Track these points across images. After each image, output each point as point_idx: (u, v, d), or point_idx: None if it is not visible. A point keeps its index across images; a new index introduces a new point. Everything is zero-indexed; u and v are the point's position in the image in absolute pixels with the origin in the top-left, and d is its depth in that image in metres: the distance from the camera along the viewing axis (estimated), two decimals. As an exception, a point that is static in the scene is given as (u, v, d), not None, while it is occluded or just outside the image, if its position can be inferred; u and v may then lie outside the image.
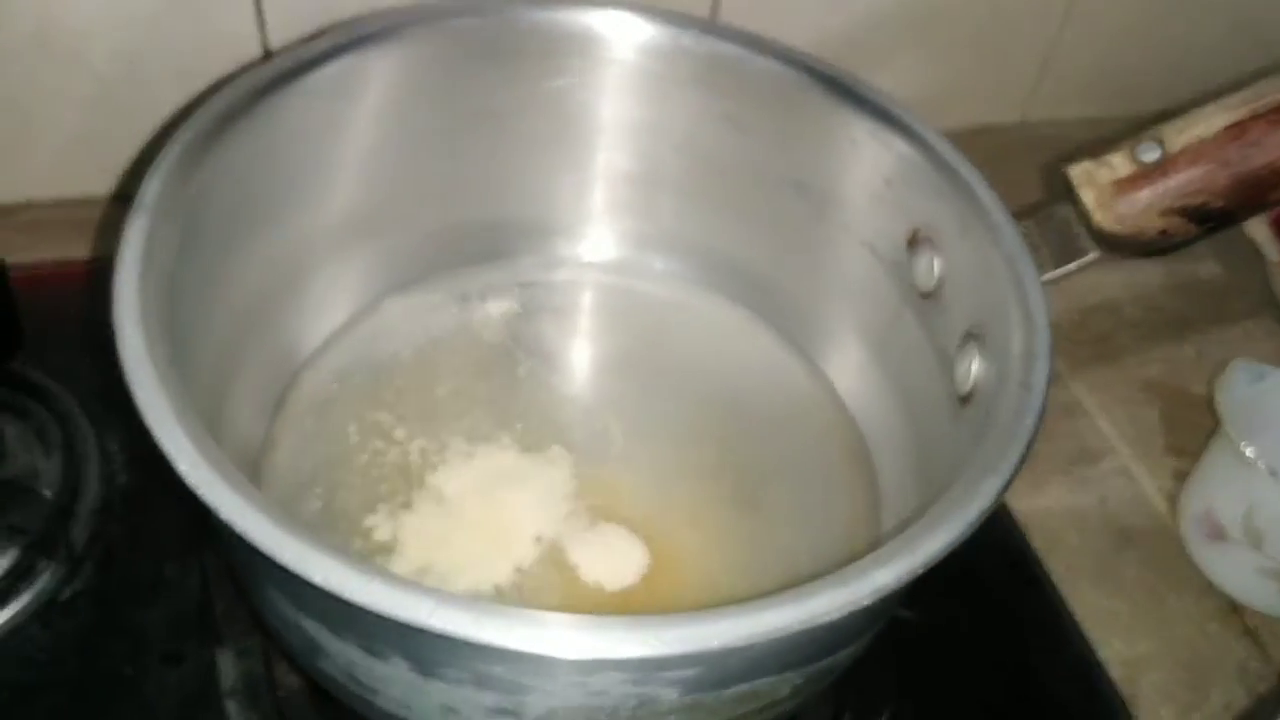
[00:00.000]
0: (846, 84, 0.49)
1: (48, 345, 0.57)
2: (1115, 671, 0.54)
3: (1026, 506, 0.59)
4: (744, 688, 0.37)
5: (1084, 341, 0.69)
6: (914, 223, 0.47)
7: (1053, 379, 0.40)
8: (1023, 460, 0.37)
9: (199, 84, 0.62)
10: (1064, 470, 0.62)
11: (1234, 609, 0.57)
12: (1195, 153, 0.42)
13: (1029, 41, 0.78)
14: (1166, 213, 0.42)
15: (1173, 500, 0.61)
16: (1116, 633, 0.55)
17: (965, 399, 0.44)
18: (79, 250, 0.64)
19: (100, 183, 0.66)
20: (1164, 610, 0.57)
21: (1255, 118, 0.41)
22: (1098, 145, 0.44)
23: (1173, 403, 0.66)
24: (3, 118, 0.62)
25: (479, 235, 0.57)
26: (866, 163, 0.49)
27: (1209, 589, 0.58)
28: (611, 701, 0.35)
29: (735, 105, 0.52)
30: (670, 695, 0.35)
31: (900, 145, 0.47)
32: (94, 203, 0.66)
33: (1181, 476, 0.62)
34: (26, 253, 0.62)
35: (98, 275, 0.61)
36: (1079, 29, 0.77)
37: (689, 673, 0.34)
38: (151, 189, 0.39)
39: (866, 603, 0.33)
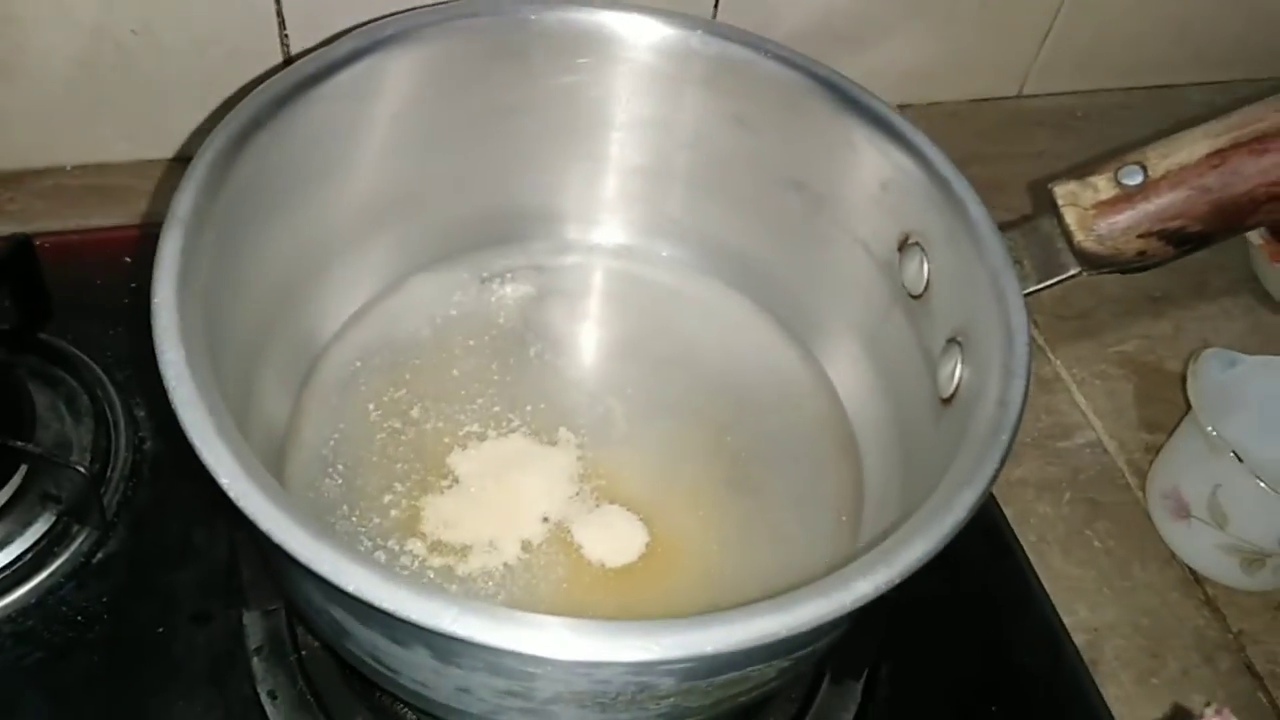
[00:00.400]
0: (849, 92, 0.50)
1: (74, 313, 0.59)
2: (1080, 637, 0.57)
3: (1001, 477, 0.62)
4: (734, 674, 0.40)
5: (1066, 317, 0.71)
6: (906, 227, 0.49)
7: (1031, 383, 0.43)
8: (997, 474, 0.40)
9: (216, 51, 0.64)
10: (1039, 443, 0.65)
11: (1195, 579, 0.61)
12: (1177, 178, 0.43)
13: (1029, 15, 0.79)
14: (1145, 235, 0.44)
15: (1142, 474, 0.64)
16: (1083, 600, 0.59)
17: (947, 400, 0.46)
18: (100, 216, 0.66)
19: (121, 149, 0.67)
20: (1128, 579, 0.60)
21: (1237, 146, 0.43)
22: (1084, 165, 0.46)
23: (1148, 378, 0.69)
24: (23, 84, 0.63)
25: (496, 221, 0.59)
26: (864, 167, 0.51)
27: (1172, 559, 0.61)
28: (614, 688, 0.38)
29: (741, 105, 0.53)
30: (667, 683, 0.38)
31: (897, 154, 0.49)
32: (115, 168, 0.68)
33: (1153, 450, 0.65)
34: (49, 219, 0.64)
35: (122, 244, 0.64)
36: (1079, 3, 0.78)
37: (685, 666, 0.37)
38: (183, 203, 0.41)
39: (848, 610, 0.36)
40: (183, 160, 0.69)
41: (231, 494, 0.35)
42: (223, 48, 0.64)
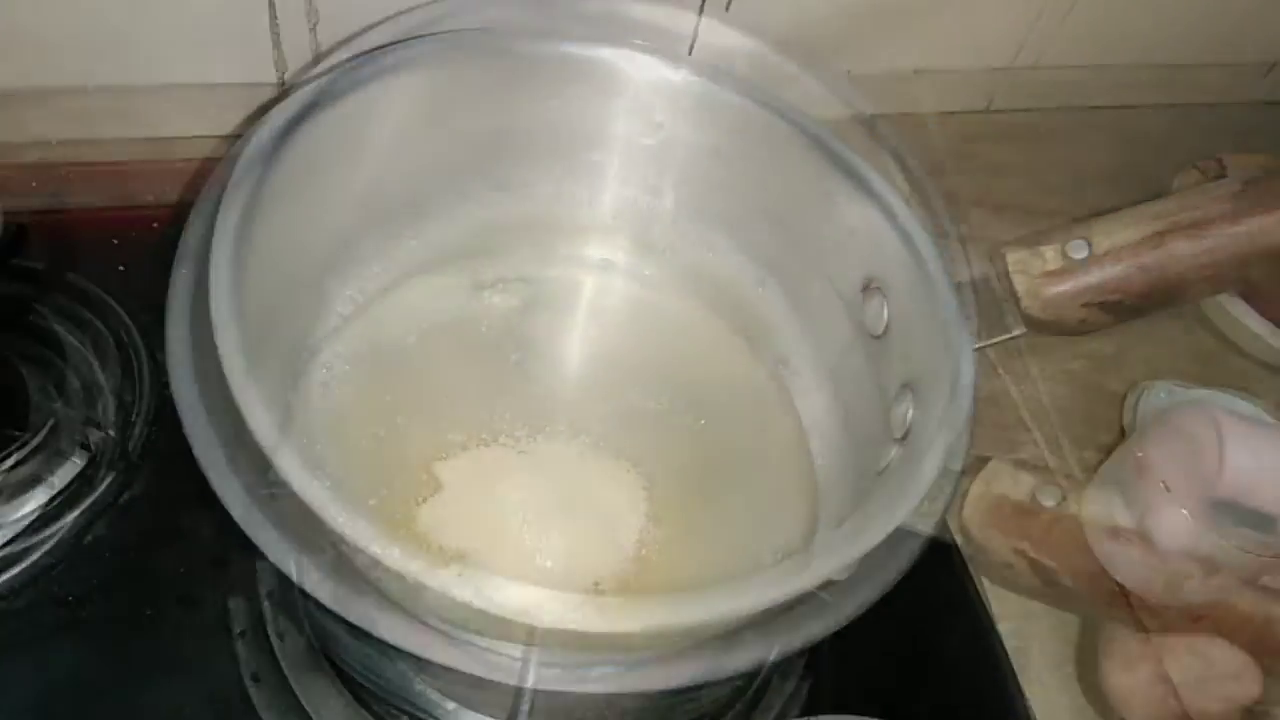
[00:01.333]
0: (827, 142, 0.53)
1: (98, 253, 0.62)
2: (1010, 643, 0.61)
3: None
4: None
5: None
6: (869, 272, 0.52)
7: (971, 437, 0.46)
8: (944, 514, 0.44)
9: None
10: (984, 457, 0.69)
11: (1120, 590, 0.65)
12: (1118, 255, 0.47)
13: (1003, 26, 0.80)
14: (1087, 305, 0.47)
15: (1080, 489, 0.68)
16: (1017, 604, 0.63)
17: (900, 440, 0.50)
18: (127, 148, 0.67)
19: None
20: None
21: (1175, 229, 0.46)
22: (1036, 235, 0.49)
23: (1091, 397, 0.73)
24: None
25: (489, 233, 0.61)
26: (835, 213, 0.53)
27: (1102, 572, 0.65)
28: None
29: (723, 140, 0.56)
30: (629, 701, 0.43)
31: (866, 206, 0.51)
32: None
33: (1090, 469, 0.68)
34: (73, 149, 0.66)
35: (148, 178, 0.66)
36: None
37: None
38: (192, 237, 0.43)
39: (795, 649, 0.40)
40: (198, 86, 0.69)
41: (273, 558, 0.39)
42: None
